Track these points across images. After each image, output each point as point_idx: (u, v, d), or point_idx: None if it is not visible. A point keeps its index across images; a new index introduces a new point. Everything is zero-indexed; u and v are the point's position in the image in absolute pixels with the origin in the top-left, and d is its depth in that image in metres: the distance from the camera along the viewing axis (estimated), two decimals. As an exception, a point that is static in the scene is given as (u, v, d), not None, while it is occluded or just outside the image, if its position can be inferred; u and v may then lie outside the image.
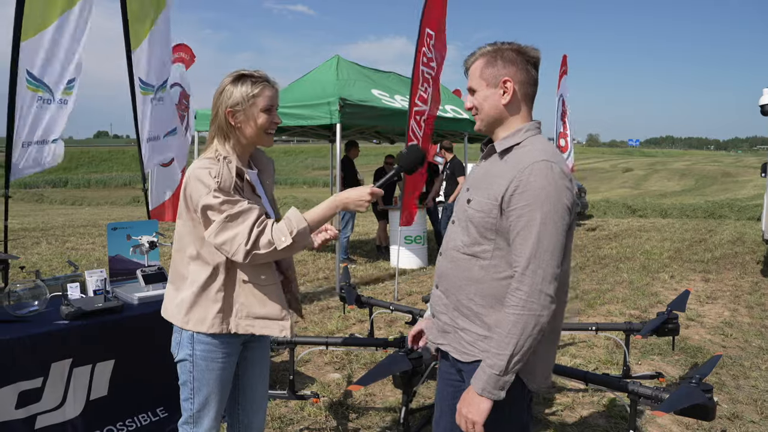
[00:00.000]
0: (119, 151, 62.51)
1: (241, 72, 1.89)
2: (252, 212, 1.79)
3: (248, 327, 1.90)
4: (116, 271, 3.33)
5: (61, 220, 16.70)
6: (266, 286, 1.91)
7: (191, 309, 1.89)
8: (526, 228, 1.52)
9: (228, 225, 1.76)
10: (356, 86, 7.87)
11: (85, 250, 10.07)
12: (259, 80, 1.88)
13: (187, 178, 1.84)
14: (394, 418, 3.39)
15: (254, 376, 2.11)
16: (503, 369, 1.51)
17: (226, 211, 1.76)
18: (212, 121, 1.93)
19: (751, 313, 6.01)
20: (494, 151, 1.68)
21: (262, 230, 1.78)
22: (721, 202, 21.19)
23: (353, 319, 5.55)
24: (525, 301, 1.51)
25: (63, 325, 2.63)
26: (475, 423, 1.55)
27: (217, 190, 1.76)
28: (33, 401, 2.54)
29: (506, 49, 1.65)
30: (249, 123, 1.88)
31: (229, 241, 1.76)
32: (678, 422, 3.38)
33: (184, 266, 1.93)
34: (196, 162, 1.88)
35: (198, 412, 1.94)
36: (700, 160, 65.68)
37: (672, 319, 3.29)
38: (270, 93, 1.89)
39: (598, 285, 7.33)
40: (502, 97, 1.64)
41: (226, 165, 1.82)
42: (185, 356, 1.92)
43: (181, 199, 1.89)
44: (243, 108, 1.86)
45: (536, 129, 1.67)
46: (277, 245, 1.78)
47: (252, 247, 1.76)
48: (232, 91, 1.86)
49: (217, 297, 1.87)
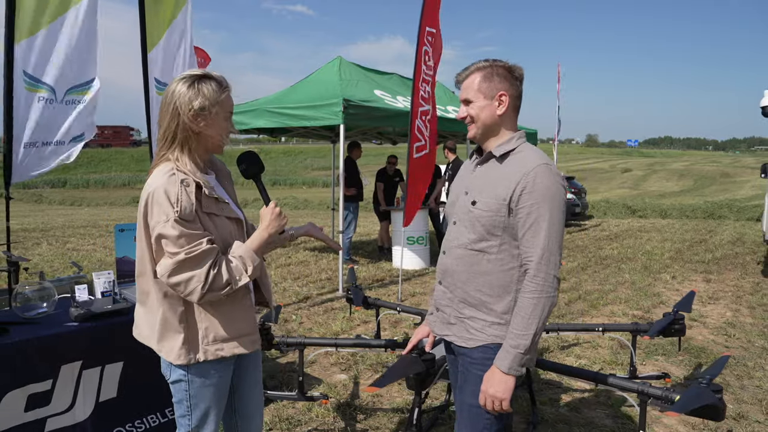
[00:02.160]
0: (118, 152, 62.48)
1: (196, 73, 1.78)
2: (210, 253, 1.70)
3: (217, 351, 1.81)
4: (123, 273, 3.33)
5: (60, 220, 16.70)
6: (230, 304, 1.83)
7: (161, 338, 1.80)
8: (536, 223, 1.73)
9: (184, 265, 1.66)
10: (359, 87, 7.88)
11: (87, 251, 10.06)
12: (223, 84, 1.79)
13: (146, 196, 1.72)
14: (402, 419, 3.40)
15: (248, 381, 2.04)
16: (527, 347, 1.71)
17: (183, 249, 1.66)
18: (167, 128, 1.77)
19: (753, 314, 6.03)
20: (491, 156, 1.86)
21: (218, 271, 1.70)
22: (721, 202, 21.22)
23: (357, 320, 5.55)
24: (542, 287, 1.71)
25: (72, 327, 2.63)
26: (503, 400, 1.72)
27: (176, 221, 1.66)
28: (43, 404, 2.53)
29: (499, 66, 1.85)
30: (213, 128, 1.78)
31: (184, 282, 1.68)
32: (684, 422, 3.39)
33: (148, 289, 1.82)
34: (155, 177, 1.75)
35: (197, 427, 1.88)
36: (699, 160, 65.75)
37: (678, 319, 3.31)
38: (230, 97, 1.82)
39: (600, 285, 7.35)
40: (497, 108, 1.83)
41: (184, 189, 1.70)
42: (179, 377, 1.84)
43: (140, 217, 1.76)
44: (209, 112, 1.75)
45: (524, 137, 1.89)
46: (234, 285, 1.74)
47: (209, 290, 1.69)
48: (194, 93, 1.73)
49: (180, 327, 1.78)
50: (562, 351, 4.69)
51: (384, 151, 25.10)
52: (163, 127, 1.79)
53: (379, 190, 9.21)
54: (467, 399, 1.86)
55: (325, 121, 6.95)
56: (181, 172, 1.75)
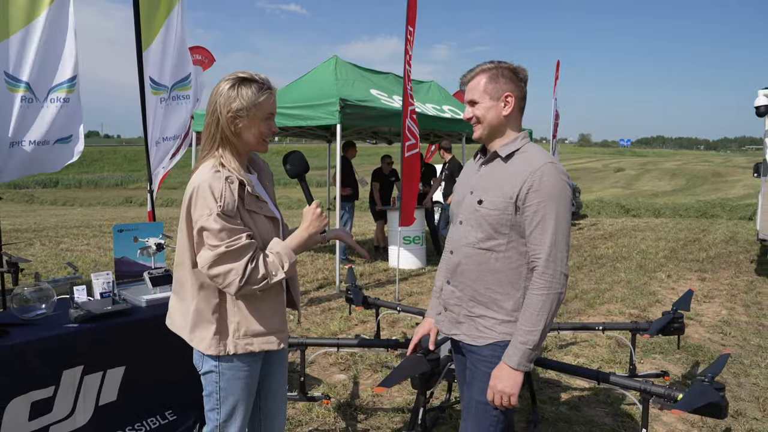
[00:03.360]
0: (110, 151, 62.16)
1: (241, 75, 1.81)
2: (249, 248, 1.75)
3: (247, 346, 1.85)
4: (122, 273, 3.30)
5: (53, 220, 16.57)
6: (264, 300, 1.87)
7: (194, 327, 1.86)
8: (543, 221, 1.76)
9: (224, 258, 1.72)
10: (355, 87, 7.87)
11: (81, 251, 10.00)
12: (264, 86, 1.82)
13: (191, 190, 1.78)
14: (403, 418, 3.40)
15: (276, 380, 2.07)
16: (536, 343, 1.74)
17: (224, 242, 1.71)
18: (209, 125, 1.83)
19: (748, 312, 6.08)
20: (496, 156, 1.89)
21: (256, 266, 1.75)
22: (713, 201, 21.36)
23: (355, 319, 5.55)
24: (551, 283, 1.75)
25: (73, 329, 2.60)
26: (512, 395, 1.75)
27: (219, 215, 1.71)
28: (45, 412, 2.48)
29: (504, 68, 1.87)
30: (250, 130, 1.82)
31: (223, 274, 1.73)
32: (683, 420, 3.41)
33: (184, 277, 1.88)
34: (200, 172, 1.80)
35: (225, 422, 1.90)
36: (691, 160, 66.19)
37: (677, 318, 3.32)
38: (273, 99, 1.85)
39: (596, 284, 7.38)
40: (503, 109, 1.87)
41: (228, 186, 1.75)
42: (211, 368, 1.87)
43: (183, 210, 1.81)
44: (247, 114, 1.79)
45: (528, 137, 1.93)
46: (269, 279, 1.78)
47: (246, 284, 1.74)
48: (234, 95, 1.77)
49: (212, 318, 1.83)
50: (560, 350, 4.71)
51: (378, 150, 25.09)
52: (207, 125, 1.86)
53: (375, 189, 9.20)
54: (475, 396, 1.88)
55: (321, 121, 6.93)
56: (226, 169, 1.80)
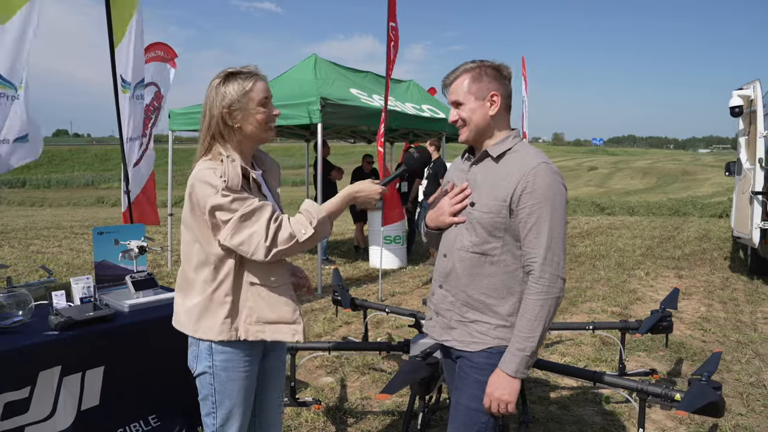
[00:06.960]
0: (80, 150, 60.77)
1: (228, 70, 1.82)
2: (266, 208, 1.73)
3: (258, 333, 1.81)
4: (102, 277, 3.19)
5: (21, 222, 16.09)
6: (277, 288, 1.84)
7: (200, 316, 1.81)
8: (538, 223, 1.69)
9: (243, 224, 1.69)
10: (335, 86, 7.79)
11: (52, 253, 9.71)
12: (249, 75, 1.81)
13: (191, 184, 1.77)
14: (393, 421, 3.35)
15: (271, 388, 2.02)
16: (534, 350, 1.69)
17: (239, 210, 1.69)
18: (206, 126, 1.83)
19: (726, 308, 6.19)
20: (486, 155, 1.81)
21: (279, 225, 1.72)
22: (685, 200, 21.87)
23: (339, 320, 5.48)
24: (548, 288, 1.68)
25: (52, 337, 2.50)
26: (509, 403, 1.70)
27: (225, 189, 1.69)
28: (20, 412, 2.41)
29: (488, 66, 1.80)
30: (248, 120, 1.81)
31: (247, 240, 1.69)
32: (671, 417, 3.43)
33: (191, 273, 1.85)
34: (198, 166, 1.79)
35: (221, 426, 1.86)
36: (661, 158, 67.71)
37: (666, 316, 3.35)
38: (262, 85, 1.83)
39: (577, 283, 7.44)
40: (489, 109, 1.78)
41: (230, 163, 1.75)
42: (204, 369, 1.83)
43: (186, 206, 1.80)
44: (239, 106, 1.78)
45: (519, 136, 1.85)
46: (299, 238, 1.73)
47: (272, 244, 1.70)
48: (223, 91, 1.78)
49: (225, 301, 1.79)
50: (546, 349, 4.71)
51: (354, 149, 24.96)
52: (205, 126, 1.84)
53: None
54: (464, 401, 1.82)
55: (302, 120, 6.82)
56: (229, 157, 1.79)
